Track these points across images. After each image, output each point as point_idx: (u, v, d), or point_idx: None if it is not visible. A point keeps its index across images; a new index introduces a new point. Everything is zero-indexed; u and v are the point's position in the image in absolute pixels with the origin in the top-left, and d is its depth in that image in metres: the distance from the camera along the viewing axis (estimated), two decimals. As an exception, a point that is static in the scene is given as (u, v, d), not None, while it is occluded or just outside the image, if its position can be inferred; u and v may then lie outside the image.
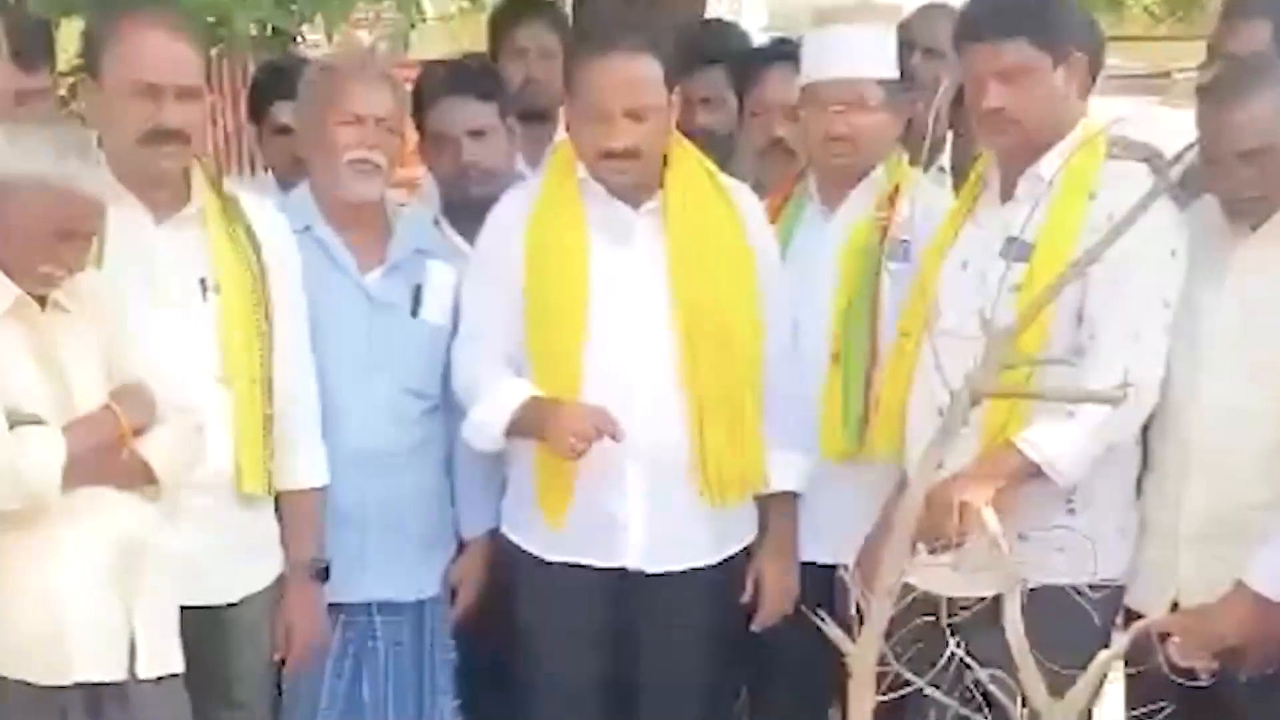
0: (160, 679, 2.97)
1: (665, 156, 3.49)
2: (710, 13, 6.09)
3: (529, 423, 3.40)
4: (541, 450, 3.44)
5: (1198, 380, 3.16)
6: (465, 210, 3.83)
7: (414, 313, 3.61)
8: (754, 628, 3.59)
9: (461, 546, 3.71)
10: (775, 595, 3.57)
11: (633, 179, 3.45)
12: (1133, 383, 2.76)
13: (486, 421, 3.44)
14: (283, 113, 4.13)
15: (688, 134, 3.66)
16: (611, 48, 3.44)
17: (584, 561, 3.48)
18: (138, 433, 2.92)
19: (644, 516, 3.45)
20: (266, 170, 4.49)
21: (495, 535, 3.67)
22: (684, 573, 3.49)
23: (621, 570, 3.48)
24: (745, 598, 3.57)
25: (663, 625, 3.50)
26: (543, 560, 3.52)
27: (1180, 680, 3.04)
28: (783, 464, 3.56)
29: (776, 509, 3.59)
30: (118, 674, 2.92)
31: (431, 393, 3.62)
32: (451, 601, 3.69)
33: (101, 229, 2.99)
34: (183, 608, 3.05)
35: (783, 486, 3.57)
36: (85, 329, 2.96)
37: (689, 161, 3.53)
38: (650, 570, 3.48)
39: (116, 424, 2.91)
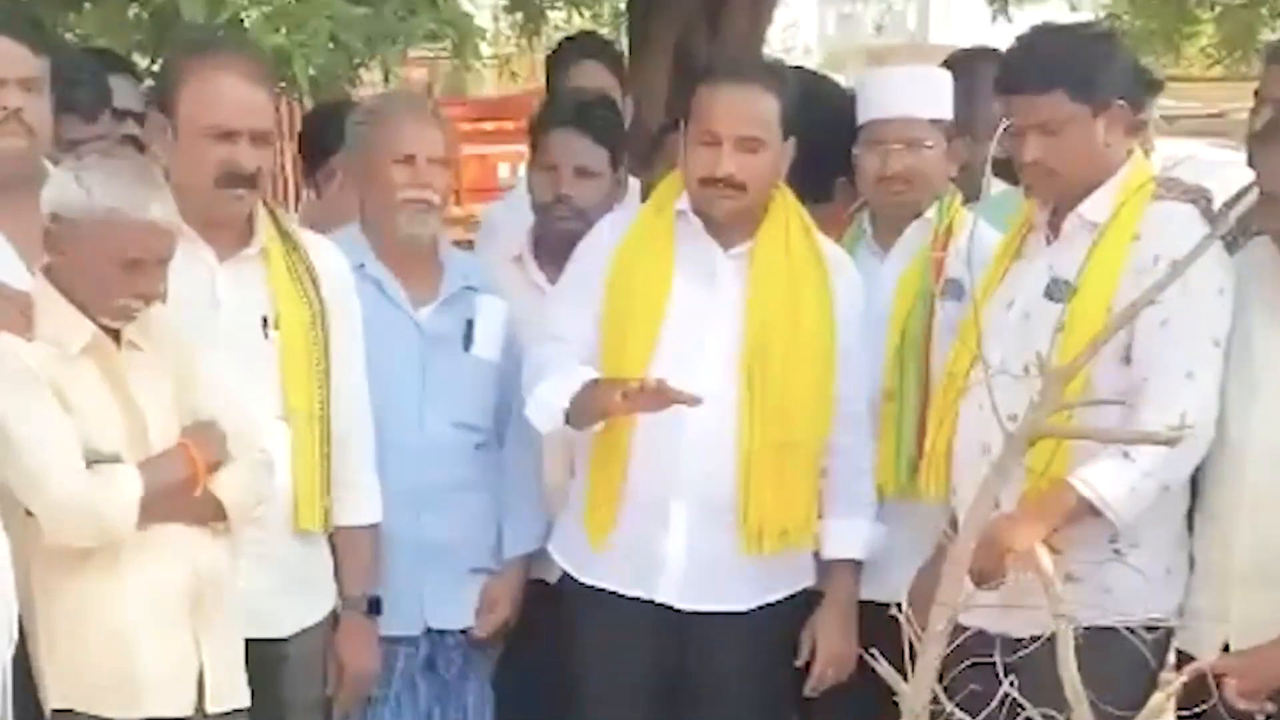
0: (226, 714, 3.01)
1: (766, 205, 3.48)
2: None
3: (590, 397, 3.35)
4: (594, 472, 3.46)
5: (1250, 420, 3.14)
6: (552, 248, 3.85)
7: (466, 347, 3.64)
8: (807, 690, 3.57)
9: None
10: (830, 660, 3.55)
11: (732, 211, 3.44)
12: (1190, 423, 2.75)
13: (550, 397, 3.40)
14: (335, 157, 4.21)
15: None
16: (736, 77, 3.45)
17: (619, 590, 3.49)
18: (210, 470, 2.95)
19: (683, 554, 3.45)
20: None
21: (534, 558, 3.69)
22: (720, 614, 3.48)
23: (659, 604, 3.47)
24: (801, 660, 3.55)
25: (698, 664, 3.50)
26: (580, 581, 3.54)
27: (1235, 724, 3.02)
28: (848, 531, 3.55)
29: (838, 575, 3.57)
30: (186, 709, 2.96)
31: (484, 426, 3.66)
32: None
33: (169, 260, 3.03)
34: (238, 641, 3.08)
35: (846, 554, 3.56)
36: (159, 367, 3.00)
37: (788, 213, 3.51)
38: (684, 608, 3.48)
39: (191, 462, 2.94)
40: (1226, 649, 3.15)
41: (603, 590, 3.50)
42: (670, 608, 3.47)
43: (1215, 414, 3.15)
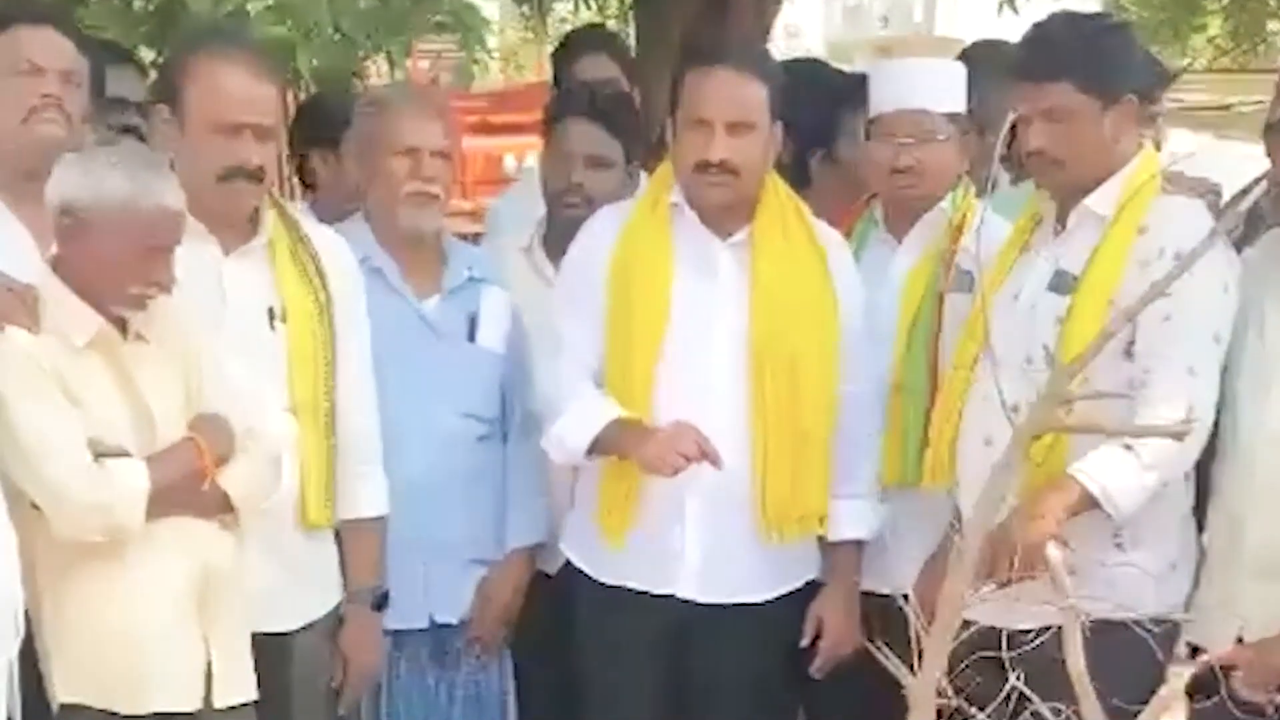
0: (234, 707, 3.01)
1: (759, 192, 3.47)
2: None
3: (616, 441, 3.37)
4: (608, 472, 3.46)
5: (1263, 413, 3.14)
6: (562, 239, 3.84)
7: (470, 339, 3.64)
8: (812, 671, 3.58)
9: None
10: (835, 640, 3.55)
11: (726, 198, 3.43)
12: (1194, 418, 2.74)
13: (570, 436, 3.42)
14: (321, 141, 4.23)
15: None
16: (721, 61, 3.43)
17: (637, 586, 3.49)
18: (218, 463, 2.95)
19: (699, 546, 3.46)
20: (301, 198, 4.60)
21: (534, 550, 3.69)
22: (737, 606, 3.49)
23: (677, 599, 3.47)
24: (805, 641, 3.56)
25: (715, 657, 3.50)
26: (599, 582, 3.53)
27: (1245, 715, 3.01)
28: (852, 511, 3.54)
29: (842, 556, 3.57)
30: (194, 703, 2.96)
31: (488, 418, 3.66)
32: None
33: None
34: (243, 634, 3.08)
35: (851, 534, 3.56)
36: (165, 359, 2.99)
37: (780, 198, 3.51)
38: (702, 600, 3.48)
39: (199, 455, 2.94)
40: (1240, 642, 3.14)
41: (620, 588, 3.50)
42: (687, 601, 3.48)
43: (1214, 411, 3.14)
